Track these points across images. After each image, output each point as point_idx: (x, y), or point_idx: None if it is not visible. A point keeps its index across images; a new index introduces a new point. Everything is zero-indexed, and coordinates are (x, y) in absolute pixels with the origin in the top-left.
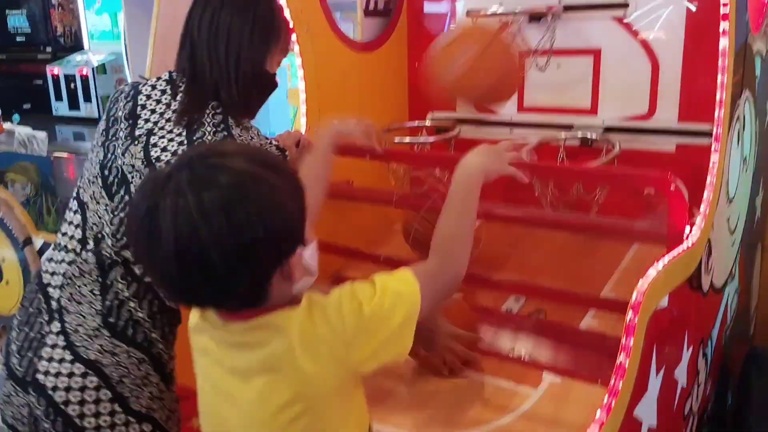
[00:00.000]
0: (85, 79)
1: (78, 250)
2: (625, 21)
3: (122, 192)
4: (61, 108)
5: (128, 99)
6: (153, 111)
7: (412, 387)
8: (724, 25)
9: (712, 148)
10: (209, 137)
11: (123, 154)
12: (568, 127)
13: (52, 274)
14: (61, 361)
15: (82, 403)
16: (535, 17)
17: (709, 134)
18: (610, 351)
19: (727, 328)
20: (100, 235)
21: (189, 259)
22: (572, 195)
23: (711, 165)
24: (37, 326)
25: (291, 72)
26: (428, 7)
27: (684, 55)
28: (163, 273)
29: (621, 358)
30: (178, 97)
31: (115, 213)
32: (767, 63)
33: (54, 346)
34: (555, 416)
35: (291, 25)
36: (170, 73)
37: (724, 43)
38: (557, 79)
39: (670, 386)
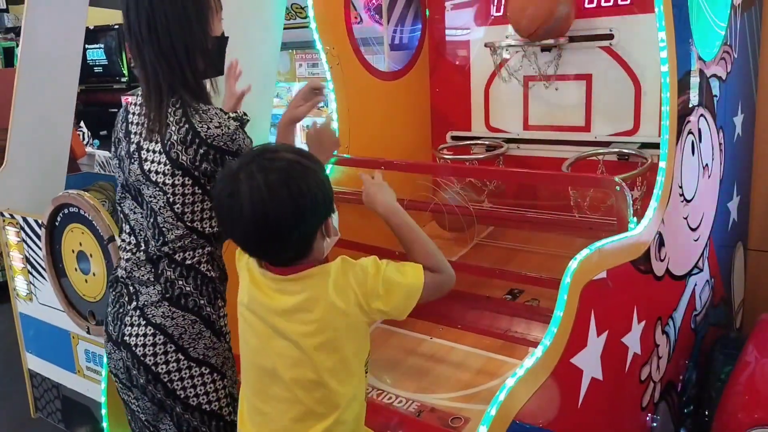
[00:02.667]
0: None
1: (134, 251)
2: (612, 49)
3: (144, 201)
4: None
5: (122, 120)
6: (137, 124)
7: (418, 358)
8: (662, 54)
9: (660, 157)
10: (175, 136)
11: (129, 173)
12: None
13: (122, 268)
14: (138, 326)
15: (154, 355)
16: (546, 48)
17: None
18: None
19: (697, 314)
20: (146, 239)
21: (261, 222)
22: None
23: (659, 170)
24: (122, 304)
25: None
26: (449, 38)
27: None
28: (243, 236)
29: (555, 311)
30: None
31: (147, 219)
32: (729, 85)
33: (132, 316)
34: None
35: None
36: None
37: (663, 68)
38: (556, 101)
39: (617, 350)
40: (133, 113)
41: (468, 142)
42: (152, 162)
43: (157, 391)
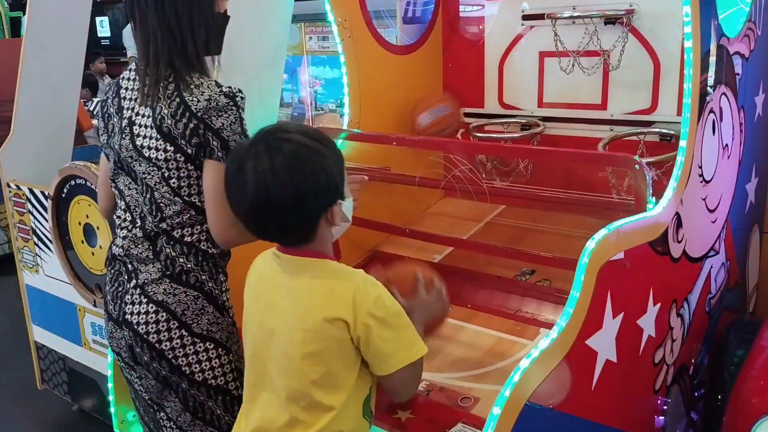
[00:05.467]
0: None
1: (130, 228)
2: (631, 25)
3: (138, 177)
4: None
5: (114, 95)
6: (130, 100)
7: (434, 338)
8: (686, 29)
9: (680, 136)
10: (165, 110)
11: (120, 149)
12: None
13: (118, 246)
14: (140, 304)
15: (158, 332)
16: (610, 21)
17: None
18: None
19: (712, 297)
20: (142, 215)
21: (263, 203)
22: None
23: (679, 150)
24: (120, 283)
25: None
26: (463, 14)
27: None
28: (246, 213)
29: (571, 291)
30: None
31: (144, 195)
32: (751, 64)
33: (133, 295)
34: None
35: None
36: (136, 59)
37: (687, 44)
38: (572, 78)
39: (632, 332)
40: (126, 88)
41: (502, 120)
42: (144, 137)
43: (162, 368)
